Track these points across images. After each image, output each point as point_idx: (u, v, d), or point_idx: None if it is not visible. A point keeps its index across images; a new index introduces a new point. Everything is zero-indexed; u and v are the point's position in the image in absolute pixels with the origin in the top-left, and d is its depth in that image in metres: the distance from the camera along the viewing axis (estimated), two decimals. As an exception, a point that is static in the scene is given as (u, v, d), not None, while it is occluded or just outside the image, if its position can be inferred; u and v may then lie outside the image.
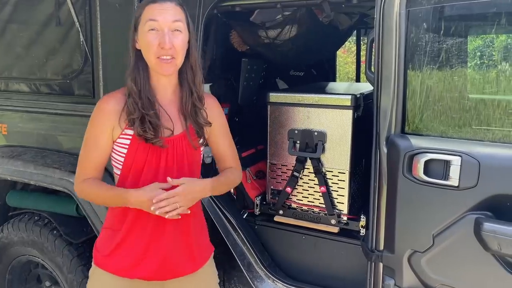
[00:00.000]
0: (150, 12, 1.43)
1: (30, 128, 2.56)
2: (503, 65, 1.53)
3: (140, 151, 1.49)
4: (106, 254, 1.57)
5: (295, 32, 2.40)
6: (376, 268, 1.68)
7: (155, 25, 1.42)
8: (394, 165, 1.56)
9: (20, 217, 2.53)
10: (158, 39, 1.42)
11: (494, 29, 1.52)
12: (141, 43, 1.46)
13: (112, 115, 1.49)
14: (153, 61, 1.45)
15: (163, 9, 1.43)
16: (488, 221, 1.37)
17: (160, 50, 1.43)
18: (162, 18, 1.42)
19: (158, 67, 1.46)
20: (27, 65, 2.49)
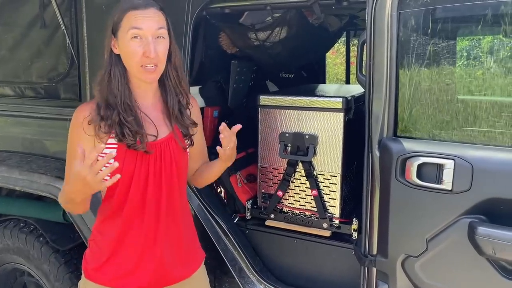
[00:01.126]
0: (133, 19, 1.38)
1: (15, 133, 2.51)
2: (496, 67, 1.52)
3: (128, 159, 1.45)
4: (97, 266, 1.53)
5: (285, 34, 2.38)
6: (369, 273, 1.66)
7: (139, 33, 1.38)
8: (387, 169, 1.55)
9: (5, 223, 2.47)
10: (143, 47, 1.38)
11: (487, 31, 1.51)
12: (123, 50, 1.41)
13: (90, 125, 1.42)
14: (135, 69, 1.41)
15: (147, 17, 1.39)
16: (482, 225, 1.36)
17: (144, 59, 1.39)
18: (146, 26, 1.38)
19: (141, 75, 1.43)
20: (12, 68, 2.44)
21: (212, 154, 2.28)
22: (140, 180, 1.47)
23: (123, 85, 1.44)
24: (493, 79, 1.52)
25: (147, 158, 1.47)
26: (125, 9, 1.40)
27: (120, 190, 1.47)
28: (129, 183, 1.46)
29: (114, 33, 1.42)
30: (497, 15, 1.45)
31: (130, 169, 1.45)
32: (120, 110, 1.41)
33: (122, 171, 1.43)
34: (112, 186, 1.46)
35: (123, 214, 1.49)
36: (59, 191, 2.16)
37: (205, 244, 2.04)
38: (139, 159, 1.46)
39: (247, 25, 2.44)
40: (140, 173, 1.47)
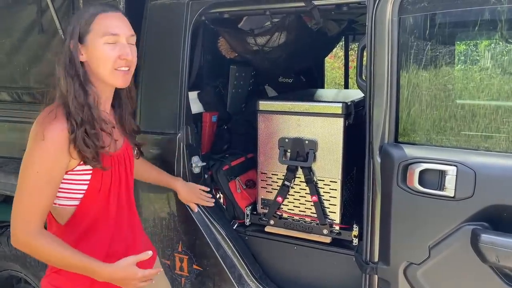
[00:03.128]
0: (109, 25, 1.36)
1: (12, 138, 2.49)
2: (498, 72, 1.51)
3: (106, 173, 1.41)
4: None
5: (284, 39, 2.37)
6: (370, 280, 1.65)
7: (115, 38, 1.37)
8: (388, 175, 1.53)
9: (2, 230, 2.45)
10: (118, 50, 1.37)
11: (488, 35, 1.51)
12: (94, 55, 1.37)
13: (67, 143, 1.31)
14: (108, 73, 1.38)
15: (120, 21, 1.40)
16: (485, 232, 1.35)
17: (119, 61, 1.37)
18: (122, 31, 1.39)
19: (115, 79, 1.40)
20: (9, 74, 2.42)
21: (211, 160, 2.28)
22: (115, 191, 1.47)
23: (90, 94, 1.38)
24: (495, 84, 1.51)
25: (118, 168, 1.47)
26: (93, 13, 1.37)
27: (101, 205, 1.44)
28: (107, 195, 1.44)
29: (81, 39, 1.37)
30: (496, 20, 1.45)
31: (107, 180, 1.44)
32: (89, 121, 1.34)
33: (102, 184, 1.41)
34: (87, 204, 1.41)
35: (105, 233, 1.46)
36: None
37: (204, 250, 2.02)
38: (113, 173, 1.44)
39: (246, 30, 2.43)
40: (116, 183, 1.46)
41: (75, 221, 1.42)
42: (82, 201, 1.41)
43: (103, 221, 1.46)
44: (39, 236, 1.31)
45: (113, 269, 1.33)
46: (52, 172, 1.32)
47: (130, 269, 1.34)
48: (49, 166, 1.31)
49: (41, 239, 1.31)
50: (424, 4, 1.50)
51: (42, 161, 1.31)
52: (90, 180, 1.39)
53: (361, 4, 1.69)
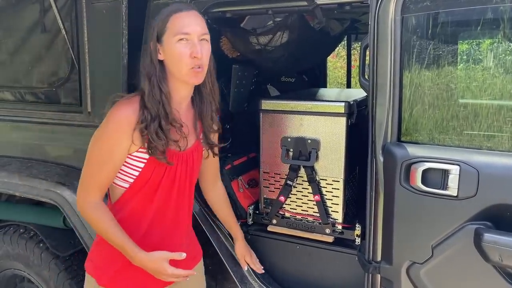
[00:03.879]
0: (180, 23, 1.41)
1: (15, 138, 2.50)
2: (501, 71, 1.51)
3: (158, 167, 1.47)
4: (112, 272, 1.53)
5: (286, 38, 2.37)
6: (373, 280, 1.65)
7: (186, 36, 1.41)
8: (391, 174, 1.53)
9: (5, 229, 2.45)
10: (189, 48, 1.41)
11: (491, 34, 1.50)
12: (169, 53, 1.43)
13: (132, 127, 1.42)
14: (184, 71, 1.43)
15: (192, 19, 1.43)
16: (488, 231, 1.35)
17: (191, 60, 1.42)
18: (193, 29, 1.42)
19: (190, 77, 1.45)
20: (12, 73, 2.43)
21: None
22: (166, 187, 1.50)
23: (166, 91, 1.45)
24: (498, 83, 1.51)
25: (174, 168, 1.50)
26: (168, 13, 1.43)
27: (143, 196, 1.49)
28: (155, 189, 1.49)
29: (159, 39, 1.44)
30: (499, 19, 1.44)
31: (159, 174, 1.48)
32: (163, 115, 1.43)
33: (151, 176, 1.47)
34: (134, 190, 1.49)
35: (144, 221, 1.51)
36: (59, 196, 2.16)
37: (207, 249, 2.02)
38: (167, 169, 1.49)
39: (249, 30, 2.43)
40: (168, 179, 1.50)
41: (121, 203, 1.51)
42: (131, 186, 1.49)
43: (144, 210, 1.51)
44: (94, 208, 1.45)
45: (146, 258, 1.41)
46: (113, 151, 1.43)
47: (160, 263, 1.41)
48: (110, 145, 1.43)
49: (95, 211, 1.45)
50: (427, 3, 1.50)
51: (105, 139, 1.44)
52: (142, 169, 1.46)
53: (364, 3, 1.69)
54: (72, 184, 2.17)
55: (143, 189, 1.49)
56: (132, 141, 1.43)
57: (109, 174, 1.46)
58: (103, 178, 1.46)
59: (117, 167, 1.46)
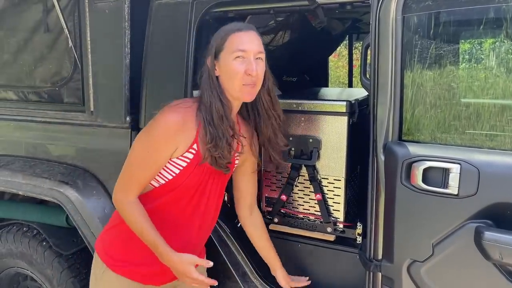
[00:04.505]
0: (238, 41, 1.46)
1: (18, 137, 2.51)
2: (502, 70, 1.51)
3: (193, 175, 1.50)
4: (121, 259, 1.57)
5: (288, 37, 2.39)
6: (374, 278, 1.65)
7: (243, 54, 1.45)
8: (392, 173, 1.54)
9: (8, 228, 2.46)
10: (245, 66, 1.45)
11: (492, 34, 1.51)
12: (225, 69, 1.48)
13: (180, 134, 1.45)
14: (237, 88, 1.48)
15: (249, 39, 1.47)
16: (489, 230, 1.35)
17: (246, 77, 1.46)
18: (249, 47, 1.46)
19: (242, 94, 1.50)
20: (15, 73, 2.44)
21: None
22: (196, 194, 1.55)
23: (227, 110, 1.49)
24: (500, 82, 1.52)
25: (208, 175, 1.54)
26: (227, 32, 1.48)
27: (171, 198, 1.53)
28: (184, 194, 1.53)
29: (216, 55, 1.48)
30: (501, 18, 1.45)
31: (192, 182, 1.52)
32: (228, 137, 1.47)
33: (182, 182, 1.50)
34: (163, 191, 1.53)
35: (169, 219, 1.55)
36: (62, 195, 2.17)
37: (209, 248, 2.03)
38: (203, 175, 1.52)
39: (250, 29, 2.44)
40: (199, 188, 1.54)
41: (147, 198, 1.54)
42: (161, 186, 1.52)
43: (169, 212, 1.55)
44: (132, 207, 1.48)
45: (176, 259, 1.45)
46: (158, 155, 1.46)
47: (187, 266, 1.45)
48: (156, 149, 1.46)
49: (133, 211, 1.48)
50: (428, 2, 1.50)
51: (153, 142, 1.46)
52: (177, 174, 1.49)
53: (365, 3, 1.70)
54: (75, 183, 2.19)
55: (171, 193, 1.52)
56: (177, 147, 1.46)
57: (150, 176, 1.50)
58: (143, 179, 1.49)
59: (158, 170, 1.50)
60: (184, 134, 1.46)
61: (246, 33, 1.48)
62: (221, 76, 1.51)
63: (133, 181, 1.49)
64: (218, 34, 1.51)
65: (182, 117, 1.46)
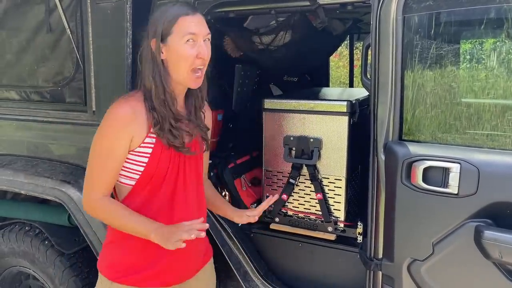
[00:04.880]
0: (187, 25, 1.44)
1: (20, 136, 2.52)
2: (502, 70, 1.52)
3: (163, 160, 1.49)
4: (123, 268, 1.55)
5: (289, 38, 2.39)
6: (375, 277, 1.66)
7: (193, 37, 1.44)
8: (392, 173, 1.55)
9: (11, 227, 2.47)
10: (196, 49, 1.44)
11: (492, 34, 1.51)
12: (174, 54, 1.45)
13: (131, 124, 1.44)
14: (185, 73, 1.47)
15: (198, 22, 1.46)
16: (488, 229, 1.36)
17: (197, 61, 1.45)
18: (199, 30, 1.45)
19: (189, 80, 1.49)
20: (17, 73, 2.45)
21: (217, 157, 2.30)
22: (171, 178, 1.52)
23: (168, 90, 1.48)
24: (499, 82, 1.52)
25: (178, 158, 1.52)
26: (175, 15, 1.45)
27: (150, 190, 1.50)
28: (160, 182, 1.51)
29: (163, 38, 1.46)
30: (501, 18, 1.45)
31: (164, 167, 1.50)
32: (171, 115, 1.46)
33: (156, 169, 1.49)
34: (141, 185, 1.51)
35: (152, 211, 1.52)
36: (64, 194, 2.18)
37: (210, 247, 2.04)
38: (172, 160, 1.51)
39: (252, 29, 2.45)
40: (173, 172, 1.52)
41: (128, 200, 1.52)
42: (137, 181, 1.50)
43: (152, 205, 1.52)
44: (101, 202, 1.47)
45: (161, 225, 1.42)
46: (113, 148, 1.45)
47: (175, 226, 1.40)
48: (110, 142, 1.45)
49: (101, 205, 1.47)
50: (428, 3, 1.51)
51: (105, 137, 1.46)
52: (147, 163, 1.48)
53: (366, 3, 1.70)
54: (77, 182, 2.20)
55: (150, 184, 1.50)
56: (132, 137, 1.45)
57: (112, 171, 1.48)
58: (106, 175, 1.48)
59: (119, 164, 1.48)
60: (135, 123, 1.45)
61: (194, 16, 1.46)
62: (168, 60, 1.48)
63: (96, 179, 1.48)
64: (164, 16, 1.46)
65: (130, 107, 1.45)
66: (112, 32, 2.09)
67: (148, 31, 1.49)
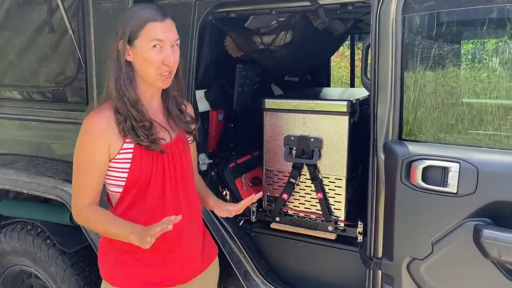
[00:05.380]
0: (154, 31, 1.43)
1: (22, 136, 2.53)
2: (500, 70, 1.53)
3: (145, 162, 1.49)
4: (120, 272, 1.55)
5: (290, 38, 2.40)
6: (374, 276, 1.67)
7: (161, 44, 1.44)
8: (392, 172, 1.55)
9: (13, 226, 2.48)
10: (162, 55, 1.44)
11: (491, 34, 1.52)
12: (140, 58, 1.45)
13: (105, 132, 1.44)
14: (153, 77, 1.46)
15: (167, 28, 1.45)
16: (487, 228, 1.37)
17: (162, 67, 1.45)
18: (167, 37, 1.45)
19: (158, 82, 1.48)
20: (20, 72, 2.46)
21: (218, 157, 2.31)
22: (158, 179, 1.51)
23: (132, 91, 1.47)
24: (498, 82, 1.53)
25: (162, 159, 1.52)
26: (144, 20, 1.44)
27: (137, 195, 1.50)
28: (146, 185, 1.50)
29: (130, 41, 1.45)
30: (501, 19, 1.46)
31: (147, 169, 1.49)
32: (131, 116, 1.45)
33: (140, 173, 1.48)
34: (127, 191, 1.50)
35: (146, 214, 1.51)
36: (66, 193, 2.19)
37: (211, 246, 2.05)
38: (154, 161, 1.50)
39: (253, 29, 2.46)
40: (158, 174, 1.51)
41: (118, 207, 1.53)
42: (124, 188, 1.50)
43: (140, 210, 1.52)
44: (86, 209, 1.47)
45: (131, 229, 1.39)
46: (92, 158, 1.45)
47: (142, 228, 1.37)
48: (88, 153, 1.46)
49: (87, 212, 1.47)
50: (428, 3, 1.52)
51: (83, 148, 1.47)
52: (130, 169, 1.48)
53: (366, 3, 1.71)
54: (79, 181, 2.21)
55: (136, 187, 1.50)
56: (109, 145, 1.45)
57: (94, 181, 1.47)
58: (89, 185, 1.47)
59: (100, 172, 1.48)
60: (110, 131, 1.45)
61: (163, 22, 1.45)
62: (136, 62, 1.47)
63: (80, 189, 1.48)
64: (133, 19, 1.45)
65: (102, 116, 1.46)
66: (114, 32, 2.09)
67: (117, 32, 1.48)
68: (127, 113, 1.45)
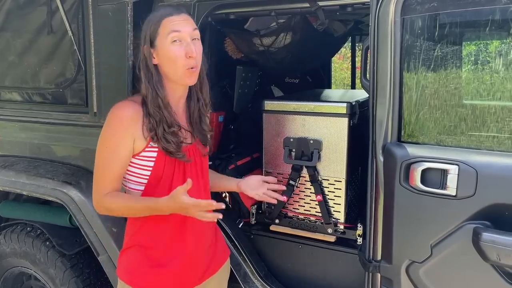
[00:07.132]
0: (171, 25, 1.44)
1: (22, 138, 2.53)
2: (500, 71, 1.52)
3: (168, 164, 1.50)
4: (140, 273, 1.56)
5: (289, 39, 2.39)
6: (373, 279, 1.66)
7: (179, 36, 1.44)
8: (391, 174, 1.54)
9: (12, 228, 2.49)
10: (184, 48, 1.44)
11: (490, 35, 1.51)
12: (164, 56, 1.46)
13: (133, 125, 1.46)
14: (181, 73, 1.47)
15: (183, 20, 1.46)
16: (486, 231, 1.36)
17: (188, 60, 1.45)
18: (184, 28, 1.45)
19: (186, 78, 1.48)
20: (20, 74, 2.47)
21: (217, 159, 2.31)
22: (179, 183, 1.51)
23: (164, 92, 1.48)
24: (497, 84, 1.52)
25: (183, 163, 1.53)
26: (159, 18, 1.46)
27: (161, 192, 1.50)
28: (169, 186, 1.51)
29: (152, 43, 1.47)
30: (501, 20, 1.45)
31: (170, 171, 1.51)
32: (164, 118, 1.46)
33: (163, 173, 1.50)
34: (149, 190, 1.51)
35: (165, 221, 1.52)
36: (66, 195, 2.19)
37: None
38: (177, 163, 1.52)
39: (252, 31, 2.45)
40: (179, 176, 1.52)
41: None
42: (146, 186, 1.51)
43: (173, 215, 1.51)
44: (108, 196, 1.47)
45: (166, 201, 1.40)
46: (117, 148, 1.46)
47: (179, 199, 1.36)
48: (114, 142, 1.46)
49: (109, 199, 1.47)
50: (427, 4, 1.51)
51: (109, 137, 1.48)
52: (153, 167, 1.49)
53: (366, 5, 1.71)
54: (78, 183, 2.21)
55: (158, 188, 1.51)
56: (134, 139, 1.46)
57: (117, 171, 1.48)
58: (112, 175, 1.48)
59: (124, 165, 1.49)
60: (137, 125, 1.46)
61: (178, 16, 1.46)
62: (161, 63, 1.48)
63: (103, 181, 1.49)
64: (150, 21, 1.48)
65: (131, 109, 1.47)
66: (114, 34, 2.10)
67: (141, 39, 1.50)
68: (161, 116, 1.45)
